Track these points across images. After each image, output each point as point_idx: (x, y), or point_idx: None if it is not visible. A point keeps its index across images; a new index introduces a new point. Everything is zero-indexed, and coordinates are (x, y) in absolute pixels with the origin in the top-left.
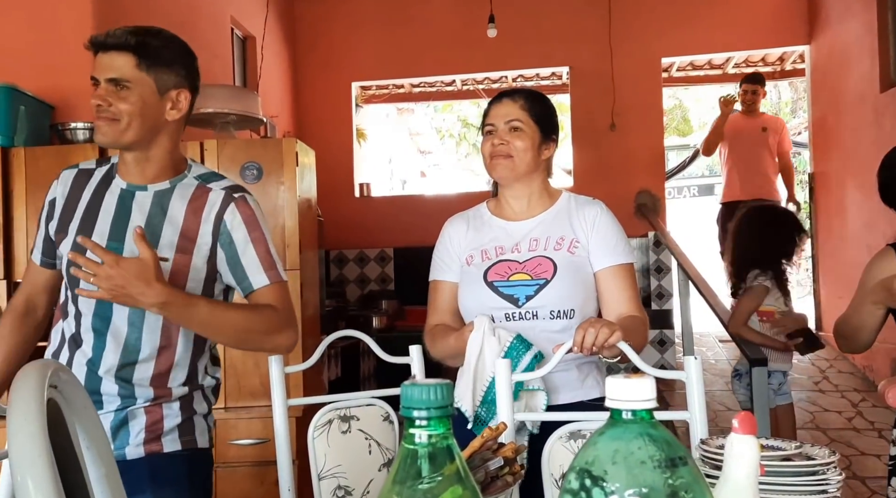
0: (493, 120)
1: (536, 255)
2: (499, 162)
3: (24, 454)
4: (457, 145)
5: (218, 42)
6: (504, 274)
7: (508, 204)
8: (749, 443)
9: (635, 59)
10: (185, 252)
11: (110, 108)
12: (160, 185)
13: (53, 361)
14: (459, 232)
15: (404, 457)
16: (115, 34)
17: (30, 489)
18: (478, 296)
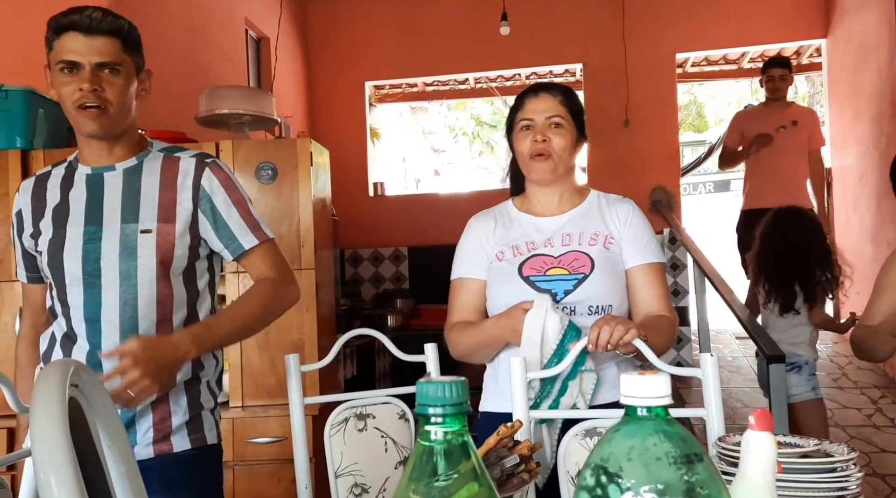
0: (532, 115)
1: (571, 249)
2: (539, 163)
3: (47, 452)
4: (470, 144)
5: (232, 43)
6: (540, 269)
7: (538, 200)
8: (766, 440)
9: (649, 55)
10: (167, 221)
11: (104, 93)
12: (127, 163)
13: (74, 361)
14: (487, 228)
15: (420, 454)
16: (96, 17)
17: (53, 487)
18: (513, 291)
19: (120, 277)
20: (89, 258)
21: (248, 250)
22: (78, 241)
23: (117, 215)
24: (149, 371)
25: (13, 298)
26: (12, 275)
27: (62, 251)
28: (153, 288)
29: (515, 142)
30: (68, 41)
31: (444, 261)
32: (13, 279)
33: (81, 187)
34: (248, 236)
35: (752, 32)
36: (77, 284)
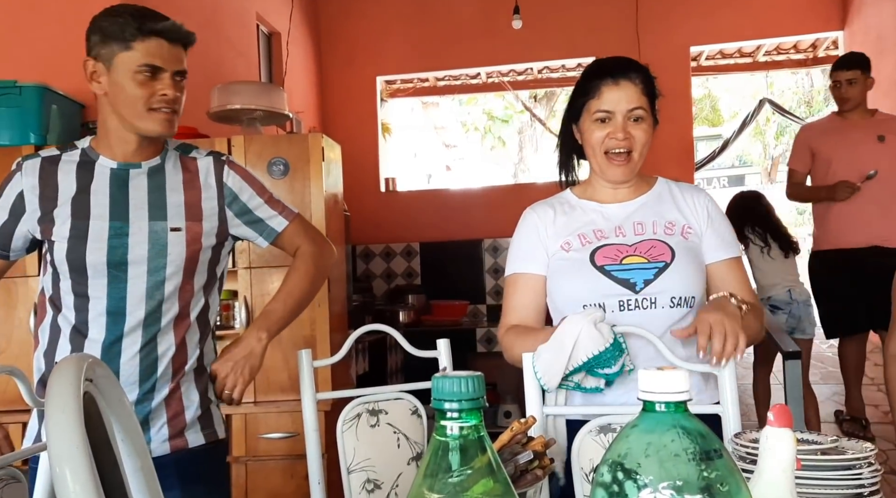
0: (610, 106)
1: (646, 238)
2: (619, 166)
3: (62, 447)
4: (482, 138)
5: (244, 39)
6: (615, 257)
7: (603, 188)
8: (785, 436)
9: (663, 49)
10: (195, 219)
11: (176, 100)
12: (153, 162)
13: (89, 355)
14: (546, 218)
15: (436, 449)
16: (181, 29)
17: (68, 481)
18: (586, 282)
19: (147, 272)
20: (115, 252)
21: (281, 232)
22: (103, 234)
23: (144, 213)
24: (243, 377)
25: (27, 294)
26: (26, 271)
27: (84, 244)
28: (178, 283)
29: (585, 131)
30: (154, 46)
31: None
32: (27, 275)
33: (104, 181)
34: (277, 219)
35: (768, 25)
36: (101, 277)
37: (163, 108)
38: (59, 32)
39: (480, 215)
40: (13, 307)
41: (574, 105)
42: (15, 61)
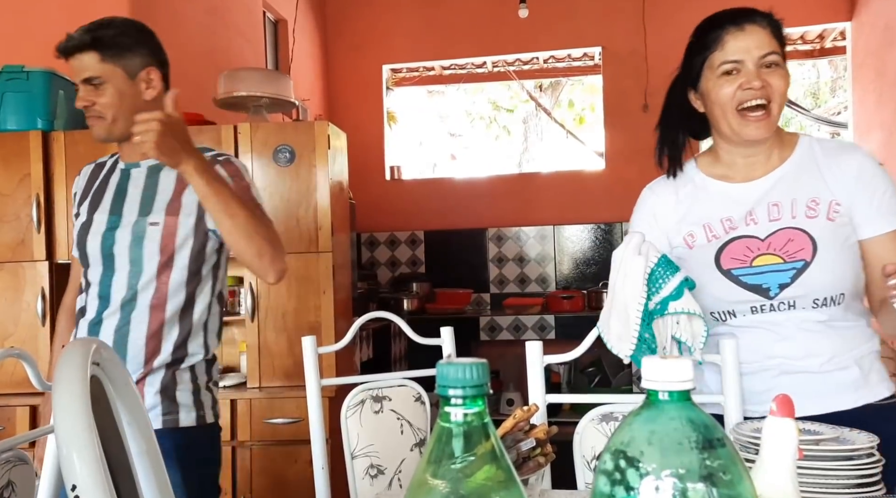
0: (738, 55)
1: (782, 226)
2: (757, 119)
3: (69, 430)
4: (487, 127)
5: (250, 26)
6: (744, 258)
7: (733, 161)
8: (787, 426)
9: (670, 38)
10: (174, 214)
11: (94, 106)
12: (152, 161)
13: (95, 339)
14: (667, 203)
15: (439, 435)
16: (74, 36)
17: (75, 463)
18: (712, 290)
19: (129, 263)
20: (106, 244)
21: None
22: (101, 227)
23: (136, 208)
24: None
25: (35, 278)
26: (33, 255)
27: (87, 234)
28: (153, 275)
29: (710, 90)
30: (72, 65)
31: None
32: (34, 259)
33: (116, 179)
34: None
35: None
36: (97, 266)
37: (89, 118)
38: (65, 17)
39: (485, 204)
40: (20, 291)
41: (690, 67)
42: (22, 47)
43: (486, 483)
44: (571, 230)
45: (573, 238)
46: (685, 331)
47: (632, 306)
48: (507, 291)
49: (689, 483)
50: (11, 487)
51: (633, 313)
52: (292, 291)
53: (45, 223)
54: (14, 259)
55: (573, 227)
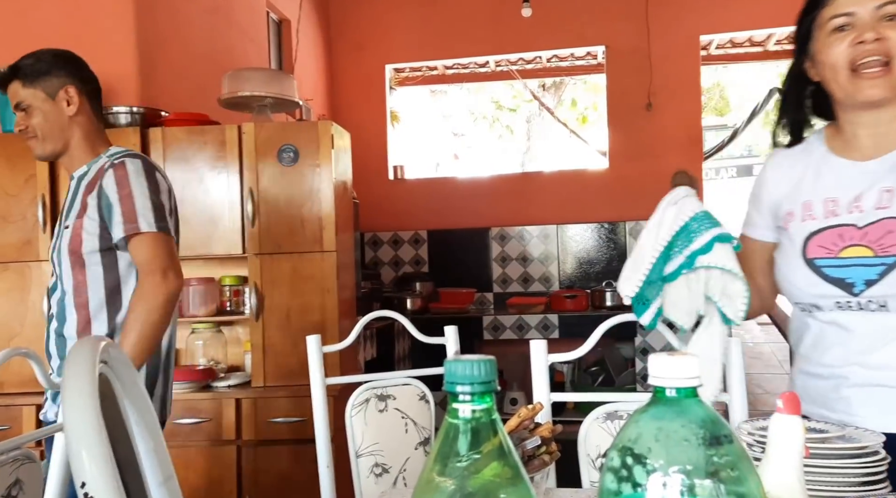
0: (850, 6)
1: (886, 216)
2: (873, 76)
3: (78, 427)
4: (490, 127)
5: (254, 26)
6: (832, 248)
7: (854, 134)
8: (794, 423)
9: (673, 37)
10: (80, 217)
11: (27, 129)
12: (80, 170)
13: (103, 338)
14: (782, 173)
15: (447, 432)
16: (3, 71)
17: (84, 460)
18: (793, 277)
19: (58, 265)
20: (54, 247)
21: (127, 239)
22: (56, 236)
23: (65, 214)
24: None
25: (41, 277)
26: (39, 255)
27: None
28: (70, 275)
29: (820, 51)
30: None
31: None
32: (40, 259)
33: (70, 190)
34: (120, 227)
35: (779, 13)
36: (57, 266)
37: (26, 140)
38: (69, 18)
39: (488, 203)
40: (27, 290)
41: (801, 31)
42: (17, 48)
43: (494, 480)
44: (574, 229)
45: (576, 237)
46: (715, 289)
47: (647, 250)
48: (511, 290)
49: (697, 479)
50: (19, 485)
51: (647, 256)
52: (296, 290)
53: (50, 223)
54: (20, 259)
55: (576, 226)
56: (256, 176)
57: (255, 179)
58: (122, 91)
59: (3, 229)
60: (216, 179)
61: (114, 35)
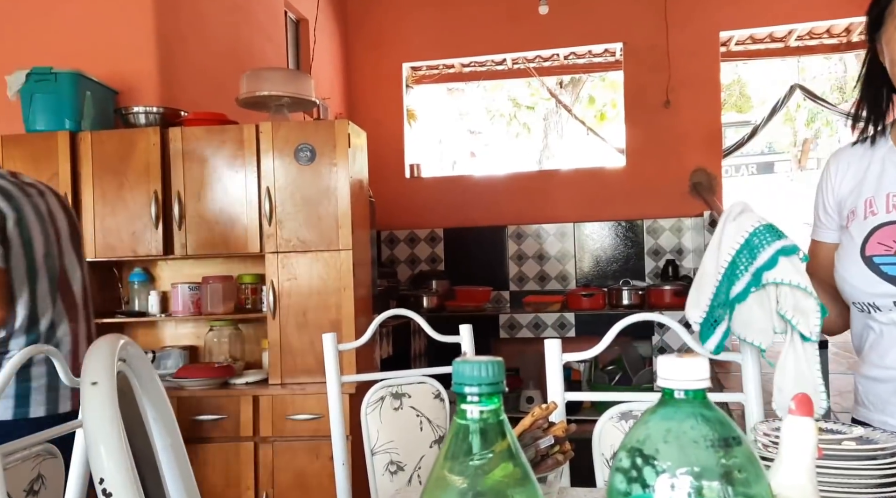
0: None
1: None
2: None
3: (97, 424)
4: (507, 125)
5: (272, 26)
6: (892, 245)
7: None
8: (806, 425)
9: (692, 34)
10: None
11: None
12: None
13: (122, 336)
14: (845, 172)
15: (456, 432)
16: None
17: (102, 456)
18: (850, 276)
19: None
20: None
21: None
22: None
23: None
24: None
25: None
26: None
27: None
28: None
29: (890, 41)
30: None
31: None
32: None
33: None
34: None
35: (800, 9)
36: None
37: None
38: (92, 19)
39: (505, 202)
40: None
41: (871, 17)
42: (50, 48)
43: (502, 480)
44: (592, 227)
45: (593, 235)
46: (787, 305)
47: (710, 273)
48: (527, 288)
49: (705, 481)
50: (41, 480)
51: (710, 279)
52: (314, 288)
53: None
54: None
55: (593, 224)
56: (273, 175)
57: (272, 178)
58: (142, 91)
59: None
60: (234, 178)
61: (134, 36)
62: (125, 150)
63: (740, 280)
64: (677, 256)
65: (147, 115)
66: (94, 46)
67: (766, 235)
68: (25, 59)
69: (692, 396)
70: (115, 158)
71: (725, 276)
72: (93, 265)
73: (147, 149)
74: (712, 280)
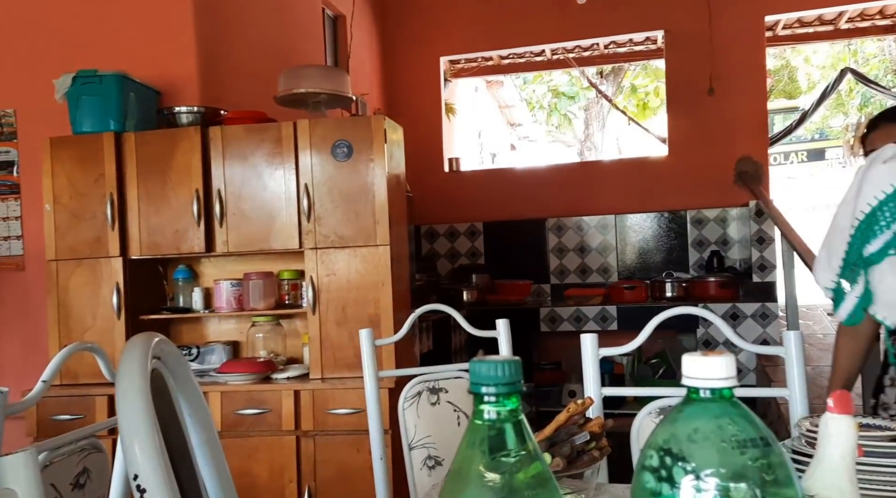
0: None
1: None
2: None
3: (131, 421)
4: (548, 117)
5: (310, 22)
6: None
7: None
8: (845, 423)
9: (736, 19)
10: None
11: None
12: None
13: (157, 334)
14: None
15: (473, 433)
16: None
17: (136, 453)
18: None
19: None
20: None
21: None
22: None
23: None
24: None
25: (110, 274)
26: (108, 251)
27: None
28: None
29: None
30: None
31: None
32: (110, 255)
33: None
34: None
35: None
36: None
37: None
38: (135, 21)
39: (545, 194)
40: (98, 286)
41: None
42: (95, 51)
43: (520, 481)
44: (634, 219)
45: (636, 227)
46: None
47: (843, 225)
48: (568, 281)
49: (732, 483)
50: (87, 473)
51: (843, 235)
52: (352, 283)
53: (118, 221)
54: (92, 255)
55: (636, 215)
56: (311, 171)
57: (310, 175)
58: (184, 91)
59: (76, 227)
60: (273, 176)
61: (175, 36)
62: (168, 150)
63: (878, 237)
64: (722, 247)
65: (188, 114)
66: (136, 48)
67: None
68: (71, 62)
69: (718, 394)
70: (158, 158)
71: (860, 228)
72: (139, 263)
73: (189, 148)
74: (846, 235)
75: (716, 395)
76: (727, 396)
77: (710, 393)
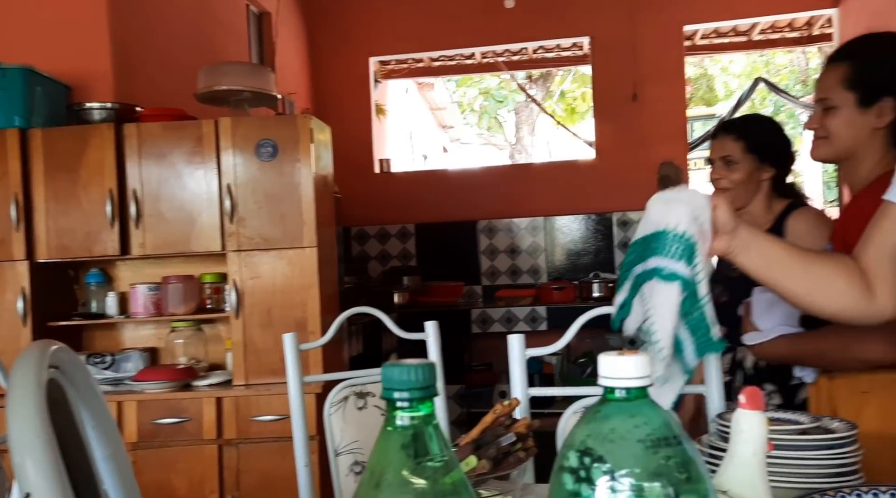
0: None
1: None
2: None
3: (23, 436)
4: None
5: (233, 19)
6: None
7: None
8: (755, 419)
9: (657, 27)
10: None
11: None
12: None
13: (54, 342)
14: None
15: (385, 440)
16: None
17: (28, 470)
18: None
19: None
20: None
21: None
22: None
23: None
24: None
25: (15, 278)
26: (13, 254)
27: None
28: None
29: None
30: None
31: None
32: (14, 259)
33: None
34: None
35: (762, 3)
36: None
37: None
38: (41, 13)
39: (476, 196)
40: (2, 291)
41: None
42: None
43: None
44: (563, 221)
45: (564, 229)
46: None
47: None
48: (499, 283)
49: (646, 482)
50: None
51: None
52: (278, 286)
53: (24, 222)
54: None
55: (564, 217)
56: (234, 171)
57: (233, 175)
58: (95, 87)
59: None
60: (193, 175)
61: (87, 29)
62: (78, 148)
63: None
64: None
65: (101, 111)
66: (45, 41)
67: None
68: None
69: (634, 394)
70: (67, 156)
71: (633, 250)
72: (47, 266)
73: (101, 146)
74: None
75: (630, 394)
76: (642, 396)
77: (626, 393)
